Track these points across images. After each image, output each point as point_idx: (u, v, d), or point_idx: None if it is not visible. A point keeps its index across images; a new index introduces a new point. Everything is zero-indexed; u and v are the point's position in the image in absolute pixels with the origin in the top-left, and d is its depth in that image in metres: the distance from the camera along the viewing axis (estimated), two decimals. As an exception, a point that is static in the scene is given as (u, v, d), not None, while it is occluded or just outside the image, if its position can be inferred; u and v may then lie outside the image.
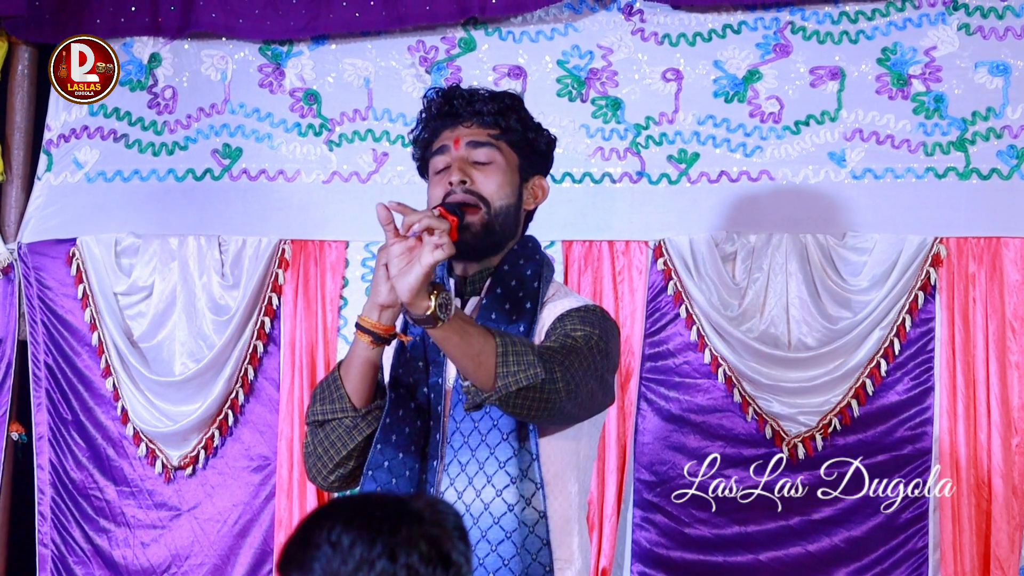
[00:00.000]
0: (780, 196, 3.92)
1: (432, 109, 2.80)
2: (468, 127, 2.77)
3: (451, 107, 2.78)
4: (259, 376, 4.08)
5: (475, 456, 2.67)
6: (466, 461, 2.67)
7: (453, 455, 2.68)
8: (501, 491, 2.65)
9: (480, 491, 2.65)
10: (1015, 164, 3.87)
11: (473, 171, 2.74)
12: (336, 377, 2.70)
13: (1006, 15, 3.91)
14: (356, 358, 2.67)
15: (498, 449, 2.67)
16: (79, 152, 4.15)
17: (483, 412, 2.67)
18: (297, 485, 3.98)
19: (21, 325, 4.15)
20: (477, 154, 2.75)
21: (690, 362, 3.92)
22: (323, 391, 2.72)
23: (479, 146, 2.76)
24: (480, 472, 2.66)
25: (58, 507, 4.11)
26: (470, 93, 2.79)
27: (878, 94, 3.93)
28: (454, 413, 2.70)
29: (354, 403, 2.69)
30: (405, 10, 4.02)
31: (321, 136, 4.09)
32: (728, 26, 3.99)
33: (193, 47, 4.16)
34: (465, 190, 2.72)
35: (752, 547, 3.88)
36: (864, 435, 3.86)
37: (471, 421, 2.68)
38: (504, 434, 2.67)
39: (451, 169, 2.74)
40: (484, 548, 2.63)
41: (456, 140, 2.76)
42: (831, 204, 3.90)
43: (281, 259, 4.06)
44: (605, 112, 4.01)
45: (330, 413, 2.69)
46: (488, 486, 2.65)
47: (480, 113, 2.77)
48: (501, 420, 2.67)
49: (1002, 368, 3.81)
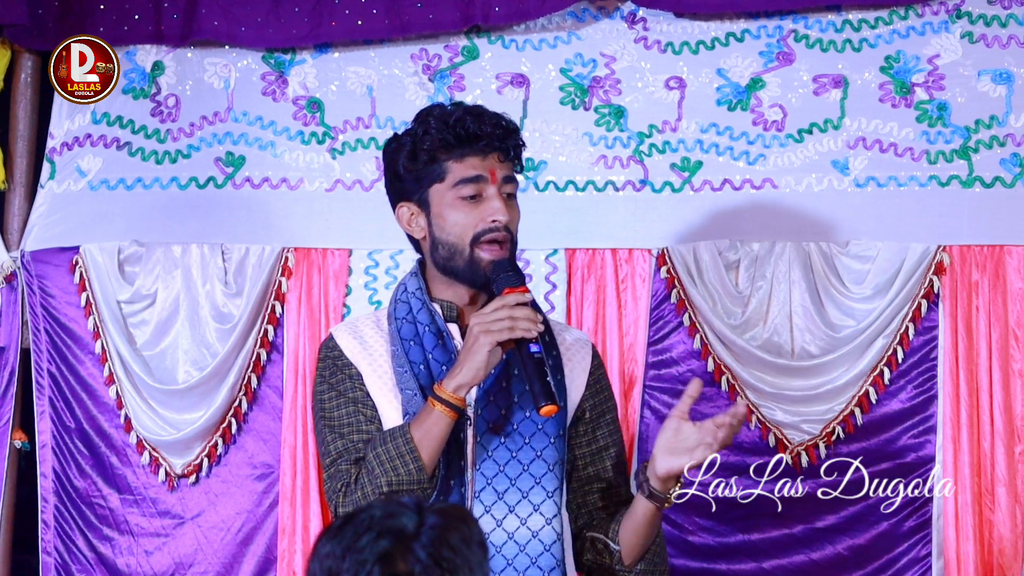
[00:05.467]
0: (783, 204, 3.92)
1: (461, 130, 2.80)
2: (500, 160, 2.82)
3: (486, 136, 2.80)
4: (262, 384, 4.08)
5: (515, 485, 2.74)
6: (504, 489, 2.74)
7: (486, 483, 2.73)
8: (551, 519, 2.75)
9: (526, 519, 2.73)
10: (1018, 172, 3.87)
11: (505, 208, 2.80)
12: (413, 448, 2.67)
13: (1009, 23, 3.91)
14: (440, 433, 2.68)
15: (544, 479, 2.75)
16: (82, 160, 4.15)
17: (522, 442, 2.74)
18: (300, 493, 3.98)
19: (24, 333, 4.15)
20: (507, 188, 2.82)
21: (693, 370, 3.92)
22: (392, 460, 2.68)
23: (509, 181, 2.83)
24: (524, 500, 2.74)
25: (61, 515, 4.11)
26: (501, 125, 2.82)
27: (881, 102, 3.93)
28: (483, 440, 2.75)
29: (428, 474, 2.69)
30: (408, 18, 4.01)
31: (324, 144, 4.09)
32: (731, 34, 4.00)
33: (196, 55, 4.16)
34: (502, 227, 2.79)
35: (755, 555, 3.88)
36: (867, 443, 3.86)
37: (507, 450, 2.75)
38: (549, 465, 2.76)
39: (496, 207, 2.78)
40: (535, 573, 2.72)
41: (493, 172, 2.80)
42: (834, 212, 3.91)
43: (284, 267, 4.06)
44: (608, 120, 4.01)
45: (407, 484, 2.67)
46: (536, 514, 2.74)
47: (508, 150, 2.83)
48: (546, 451, 2.75)
49: (1005, 376, 3.82)
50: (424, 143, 2.82)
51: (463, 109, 2.82)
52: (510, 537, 2.72)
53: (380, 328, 2.88)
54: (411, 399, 2.75)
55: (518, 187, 2.86)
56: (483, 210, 2.78)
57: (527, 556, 2.72)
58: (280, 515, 4.01)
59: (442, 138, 2.80)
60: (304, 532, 3.97)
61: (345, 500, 2.72)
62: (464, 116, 2.80)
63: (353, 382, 2.81)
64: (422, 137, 2.82)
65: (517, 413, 2.78)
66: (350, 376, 2.82)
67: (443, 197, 2.80)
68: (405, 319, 2.83)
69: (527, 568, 2.71)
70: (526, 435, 2.76)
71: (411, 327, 2.82)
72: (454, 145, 2.79)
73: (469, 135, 2.79)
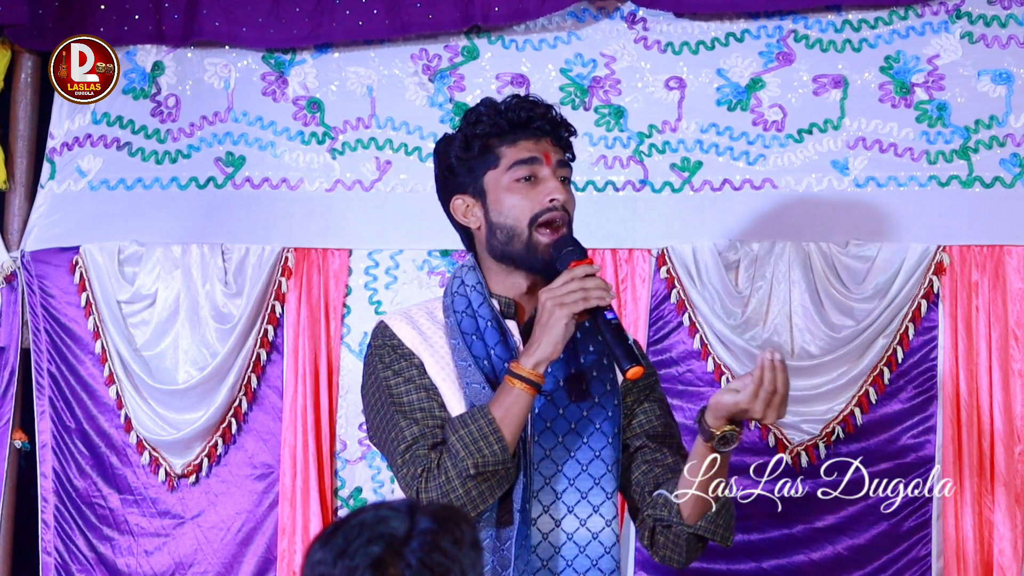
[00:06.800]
0: (783, 204, 3.92)
1: (514, 116, 2.81)
2: (553, 143, 2.82)
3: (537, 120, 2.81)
4: (262, 384, 4.08)
5: (574, 485, 2.74)
6: (562, 489, 2.73)
7: (543, 482, 2.73)
8: (610, 521, 2.75)
9: (585, 520, 2.73)
10: (1018, 172, 3.87)
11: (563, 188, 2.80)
12: (496, 429, 2.65)
13: (1009, 23, 3.91)
14: (521, 411, 2.66)
15: (603, 480, 2.75)
16: (82, 160, 4.15)
17: (580, 442, 2.74)
18: (300, 493, 3.99)
19: (24, 333, 4.15)
20: (563, 172, 2.82)
21: (693, 370, 3.93)
22: (477, 441, 2.66)
23: (564, 165, 2.83)
24: (583, 501, 2.74)
25: (61, 515, 4.11)
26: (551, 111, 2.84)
27: (881, 102, 3.93)
28: (540, 440, 2.74)
29: (511, 453, 2.67)
30: (408, 18, 4.02)
31: (324, 144, 4.09)
32: (731, 34, 4.00)
33: (196, 55, 4.16)
34: (562, 208, 2.78)
35: (755, 555, 3.88)
36: (867, 443, 3.87)
37: (565, 449, 2.74)
38: (608, 465, 2.76)
39: (552, 186, 2.78)
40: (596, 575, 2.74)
41: (547, 155, 2.80)
42: (834, 212, 3.91)
43: (284, 267, 4.06)
44: (608, 120, 4.01)
45: (493, 465, 2.64)
46: (596, 515, 2.74)
47: (561, 136, 2.83)
48: (604, 451, 2.75)
49: (1005, 376, 3.82)
50: (476, 130, 2.81)
51: (513, 97, 2.84)
52: (569, 538, 2.72)
53: (435, 320, 2.83)
54: (478, 393, 2.72)
55: (572, 173, 2.85)
56: (540, 191, 2.77)
57: (587, 558, 2.72)
58: (280, 515, 4.01)
59: (494, 123, 2.80)
60: (304, 532, 3.97)
61: (428, 485, 2.67)
62: (515, 103, 2.82)
63: (419, 370, 2.77)
64: (474, 126, 2.82)
65: (575, 412, 2.77)
66: (414, 364, 2.77)
67: (499, 182, 2.79)
68: (465, 313, 2.79)
69: (587, 570, 2.72)
70: (584, 435, 2.75)
71: (472, 321, 2.78)
72: (507, 131, 2.80)
73: (520, 120, 2.80)
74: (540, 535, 2.72)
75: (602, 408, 2.78)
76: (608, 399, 2.79)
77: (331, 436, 4.03)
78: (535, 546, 2.70)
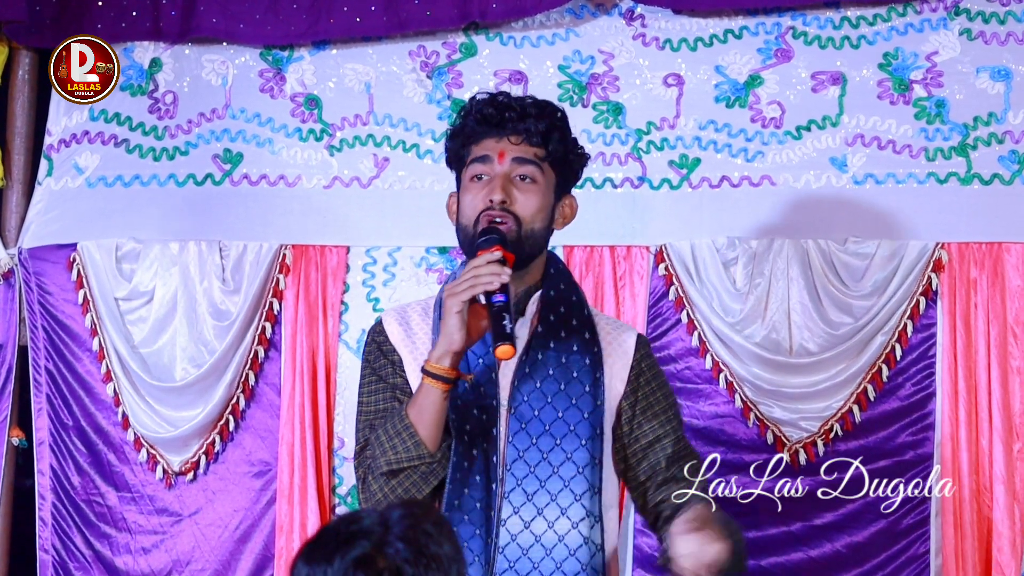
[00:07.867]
0: (782, 201, 3.92)
1: (479, 114, 2.77)
2: (515, 142, 2.75)
3: (501, 119, 2.76)
4: (260, 381, 4.08)
5: (544, 487, 2.72)
6: (533, 491, 2.71)
7: (516, 483, 2.71)
8: (577, 523, 2.71)
9: (553, 523, 2.71)
10: (1016, 169, 3.87)
11: (514, 189, 2.73)
12: (408, 425, 2.66)
13: (1007, 20, 3.91)
14: (432, 406, 2.65)
15: (573, 482, 2.73)
16: (80, 157, 4.15)
17: (553, 443, 2.72)
18: (298, 490, 3.98)
19: (22, 330, 4.15)
20: (521, 170, 2.75)
21: (691, 367, 3.93)
22: (391, 439, 2.67)
23: (524, 163, 2.75)
24: (552, 503, 2.71)
25: (59, 513, 4.10)
26: (521, 108, 2.77)
27: (879, 99, 3.93)
28: (514, 441, 2.73)
29: (430, 449, 2.66)
30: (406, 15, 4.01)
31: (322, 141, 4.09)
32: (729, 31, 3.99)
33: (194, 52, 4.16)
34: (503, 209, 2.71)
35: (754, 553, 3.87)
36: (866, 440, 3.86)
37: (538, 451, 2.72)
38: (579, 467, 2.73)
39: (493, 185, 2.73)
40: None
41: (501, 154, 2.75)
42: (832, 209, 3.90)
43: (282, 264, 4.06)
44: (606, 117, 4.00)
45: (406, 462, 2.65)
46: (563, 518, 2.71)
47: (529, 131, 2.76)
48: (576, 453, 2.73)
49: (1003, 373, 3.82)
50: (457, 128, 2.82)
51: (493, 93, 2.82)
52: (537, 540, 2.69)
53: (427, 315, 2.84)
54: None
55: (542, 171, 2.76)
56: (487, 190, 2.74)
57: (552, 560, 2.70)
58: (278, 513, 4.00)
59: (464, 122, 2.80)
60: (302, 530, 3.96)
61: (363, 487, 2.71)
62: (487, 99, 2.79)
63: (394, 368, 2.78)
64: (460, 123, 2.82)
65: (549, 413, 2.76)
66: (392, 363, 2.79)
67: (463, 181, 2.79)
68: None
69: (552, 572, 2.69)
70: (557, 437, 2.74)
71: None
72: (475, 129, 2.79)
73: (484, 117, 2.78)
74: (509, 536, 2.70)
75: (578, 410, 2.76)
76: (585, 401, 2.77)
77: (329, 433, 4.02)
78: (503, 547, 2.69)
